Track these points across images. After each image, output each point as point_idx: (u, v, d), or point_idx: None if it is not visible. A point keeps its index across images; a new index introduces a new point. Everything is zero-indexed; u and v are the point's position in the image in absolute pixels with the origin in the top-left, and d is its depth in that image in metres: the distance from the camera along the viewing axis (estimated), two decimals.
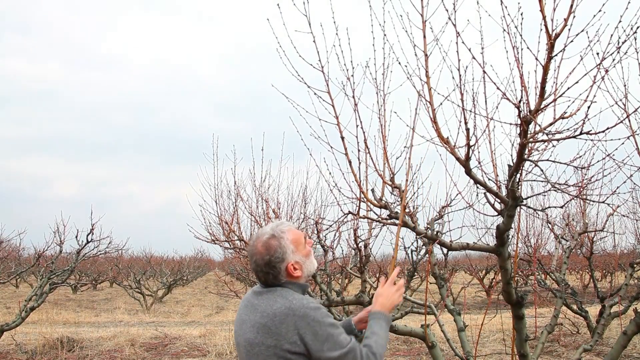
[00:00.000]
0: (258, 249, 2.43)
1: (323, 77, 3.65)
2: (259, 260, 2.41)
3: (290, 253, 2.42)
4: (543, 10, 2.87)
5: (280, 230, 2.46)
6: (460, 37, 3.15)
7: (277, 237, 2.43)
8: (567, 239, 7.27)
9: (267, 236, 2.44)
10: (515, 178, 3.31)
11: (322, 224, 5.74)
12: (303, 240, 2.50)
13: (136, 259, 31.55)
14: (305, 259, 2.47)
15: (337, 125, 3.63)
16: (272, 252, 2.40)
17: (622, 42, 3.04)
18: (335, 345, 2.23)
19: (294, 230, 2.50)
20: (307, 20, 3.55)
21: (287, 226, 2.50)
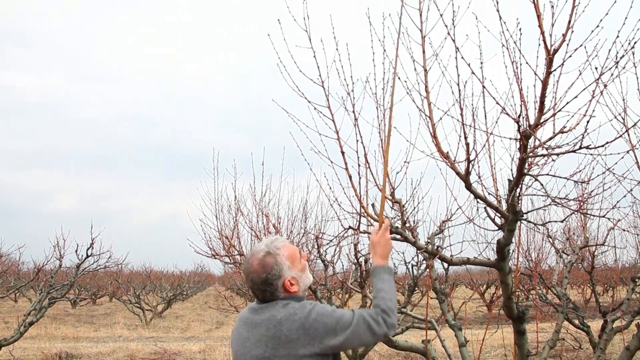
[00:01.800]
0: (254, 266, 2.42)
1: (323, 92, 3.67)
2: (255, 278, 2.41)
3: (286, 269, 2.42)
4: (541, 25, 2.89)
5: (276, 247, 2.45)
6: (459, 52, 3.17)
7: (273, 254, 2.43)
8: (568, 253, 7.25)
9: (263, 254, 2.43)
10: (515, 192, 3.32)
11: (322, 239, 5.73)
12: (298, 255, 2.50)
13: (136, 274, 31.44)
14: (301, 274, 2.47)
15: (337, 140, 3.64)
16: (268, 270, 2.39)
17: (620, 57, 3.06)
18: (345, 325, 2.25)
19: (289, 246, 2.50)
20: (307, 35, 3.58)
21: (281, 242, 2.49)
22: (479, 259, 3.93)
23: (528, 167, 3.33)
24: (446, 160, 3.31)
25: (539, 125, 3.05)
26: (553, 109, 3.08)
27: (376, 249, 2.63)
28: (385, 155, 3.02)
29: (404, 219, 3.82)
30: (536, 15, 2.89)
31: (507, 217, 3.45)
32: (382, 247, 2.62)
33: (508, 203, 3.38)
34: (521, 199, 3.49)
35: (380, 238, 2.65)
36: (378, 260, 2.59)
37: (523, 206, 3.55)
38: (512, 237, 3.58)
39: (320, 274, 6.55)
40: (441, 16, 3.24)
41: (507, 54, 3.13)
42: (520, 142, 3.11)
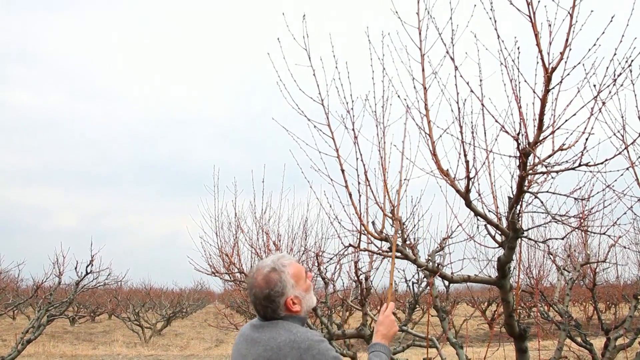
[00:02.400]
0: (258, 281, 2.40)
1: (323, 110, 3.69)
2: (258, 293, 2.39)
3: (290, 287, 2.39)
4: (539, 44, 2.91)
5: (282, 264, 2.43)
6: (458, 71, 3.19)
7: (278, 270, 2.41)
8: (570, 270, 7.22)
9: (268, 269, 2.41)
10: (515, 210, 3.31)
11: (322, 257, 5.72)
12: (304, 274, 2.48)
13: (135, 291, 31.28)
14: (305, 294, 2.44)
15: (337, 158, 3.65)
16: (272, 286, 2.37)
17: (618, 75, 3.08)
18: None
19: (295, 264, 2.47)
20: (307, 54, 3.61)
21: (288, 260, 2.47)
22: (480, 277, 3.91)
23: (528, 184, 3.33)
24: (446, 177, 3.31)
25: (538, 143, 3.06)
26: (552, 127, 3.09)
27: (379, 328, 2.59)
28: (397, 204, 3.02)
29: (404, 237, 3.81)
30: (534, 34, 2.91)
31: (508, 234, 3.45)
32: (386, 327, 2.58)
33: (508, 220, 3.38)
34: (521, 217, 3.49)
35: (385, 319, 2.61)
36: (378, 338, 2.54)
37: (523, 223, 3.55)
38: (513, 255, 3.57)
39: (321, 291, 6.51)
40: (440, 35, 3.26)
41: (506, 72, 3.15)
42: (519, 159, 3.12)
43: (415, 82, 3.40)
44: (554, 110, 3.09)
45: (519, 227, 3.39)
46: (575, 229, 4.10)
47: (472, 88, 3.17)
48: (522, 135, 3.07)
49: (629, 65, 3.10)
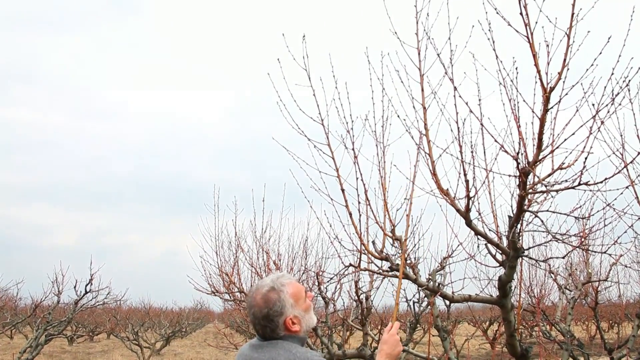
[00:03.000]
0: (257, 301, 2.39)
1: (323, 129, 3.71)
2: (257, 313, 2.38)
3: (289, 307, 2.38)
4: (537, 64, 2.94)
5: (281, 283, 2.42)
6: (457, 91, 3.22)
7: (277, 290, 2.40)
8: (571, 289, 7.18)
9: (267, 288, 2.40)
10: (515, 229, 3.31)
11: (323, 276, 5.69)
12: (303, 294, 2.47)
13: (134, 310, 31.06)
14: (304, 314, 2.43)
15: (337, 178, 3.66)
16: (270, 305, 2.36)
17: (616, 94, 3.09)
18: None
19: (295, 284, 2.46)
20: (306, 74, 3.63)
21: (287, 279, 2.46)
22: (481, 296, 3.90)
23: (528, 203, 3.34)
24: (446, 197, 3.31)
25: (538, 162, 3.07)
26: (551, 146, 3.10)
27: (383, 347, 2.56)
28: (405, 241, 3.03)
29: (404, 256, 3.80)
30: (532, 54, 2.94)
31: (508, 253, 3.44)
32: (390, 346, 2.55)
33: (509, 239, 3.38)
34: (522, 235, 3.48)
35: (390, 337, 2.58)
36: (382, 358, 2.51)
37: (524, 242, 3.54)
38: (514, 274, 3.56)
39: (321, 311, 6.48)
40: (438, 55, 3.29)
41: (505, 92, 3.17)
42: (519, 179, 3.12)
43: (414, 102, 3.43)
44: (553, 130, 3.10)
45: (519, 246, 3.38)
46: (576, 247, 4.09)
47: (471, 108, 3.19)
48: (522, 155, 3.08)
49: (627, 85, 3.12)
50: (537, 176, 3.17)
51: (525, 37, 2.94)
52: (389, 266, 3.71)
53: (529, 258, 3.77)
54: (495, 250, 3.67)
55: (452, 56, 3.29)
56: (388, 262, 3.71)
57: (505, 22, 2.97)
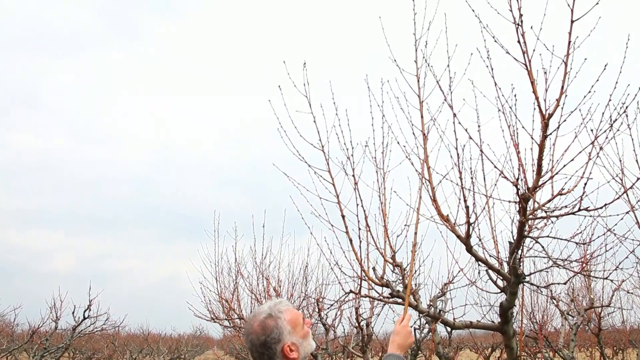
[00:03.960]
0: (254, 328, 2.38)
1: (323, 156, 3.73)
2: (254, 340, 2.36)
3: (287, 334, 2.37)
4: (536, 91, 2.96)
5: (278, 310, 2.41)
6: (456, 117, 3.24)
7: (275, 317, 2.39)
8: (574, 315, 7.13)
9: (264, 315, 2.39)
10: (516, 255, 3.30)
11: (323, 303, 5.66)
12: (301, 321, 2.45)
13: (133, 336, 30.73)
14: (302, 341, 2.41)
15: (337, 204, 3.66)
16: (268, 333, 2.35)
17: (614, 120, 3.12)
18: None
19: (292, 310, 2.45)
20: (307, 101, 3.67)
21: (285, 306, 2.45)
22: (482, 323, 3.87)
23: (528, 229, 3.33)
24: (446, 223, 3.31)
25: (538, 188, 3.07)
26: (551, 172, 3.11)
27: (395, 337, 2.61)
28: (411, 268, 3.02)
29: (405, 283, 3.78)
30: (530, 81, 2.97)
31: (509, 279, 3.43)
32: (402, 337, 2.60)
33: (509, 265, 3.36)
34: (523, 261, 3.47)
35: (402, 329, 2.64)
36: (394, 349, 2.56)
37: (525, 268, 3.53)
38: (515, 300, 3.54)
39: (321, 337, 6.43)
40: (438, 82, 3.33)
41: (504, 119, 3.19)
42: (519, 204, 3.13)
43: (414, 129, 3.45)
44: (552, 155, 3.12)
45: (520, 272, 3.37)
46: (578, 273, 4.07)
47: (471, 134, 3.21)
48: (521, 181, 3.09)
49: (625, 111, 3.15)
50: (537, 202, 3.17)
51: (523, 65, 2.97)
52: (390, 292, 3.69)
53: (530, 284, 3.75)
54: (496, 276, 3.66)
55: (451, 83, 3.33)
56: (389, 289, 3.69)
57: (503, 50, 3.01)
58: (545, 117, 2.95)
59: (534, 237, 3.34)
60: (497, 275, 3.61)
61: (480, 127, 3.29)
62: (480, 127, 3.29)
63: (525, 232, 3.25)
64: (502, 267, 3.60)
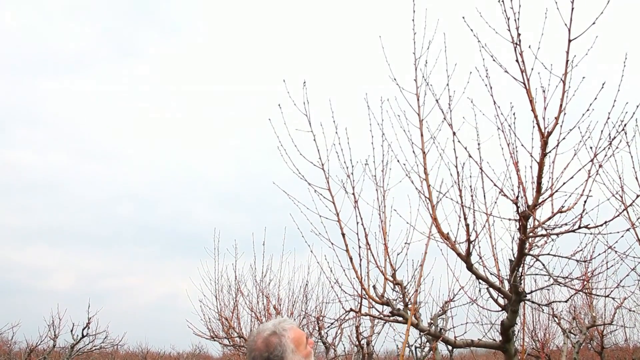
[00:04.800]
0: (257, 344, 2.37)
1: (324, 174, 3.74)
2: (257, 357, 2.35)
3: (290, 352, 2.36)
4: (534, 110, 2.98)
5: (282, 328, 2.41)
6: (456, 136, 3.25)
7: (279, 334, 2.38)
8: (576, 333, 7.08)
9: (268, 332, 2.39)
10: (517, 273, 3.29)
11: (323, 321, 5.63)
12: (304, 340, 2.45)
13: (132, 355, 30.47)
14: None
15: (337, 222, 3.66)
16: (271, 350, 2.34)
17: (613, 138, 3.13)
18: None
19: (296, 329, 2.45)
20: (307, 119, 3.69)
21: (289, 324, 2.45)
22: (484, 341, 3.84)
23: (529, 247, 3.33)
24: (447, 241, 3.31)
25: (537, 206, 3.07)
26: (551, 189, 3.12)
27: None
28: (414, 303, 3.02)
29: (405, 300, 3.77)
30: (529, 99, 2.99)
31: (510, 297, 3.41)
32: None
33: (510, 283, 3.35)
34: (523, 279, 3.46)
35: None
36: None
37: (526, 286, 3.52)
38: (516, 318, 3.52)
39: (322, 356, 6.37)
40: (437, 101, 3.35)
41: (503, 137, 3.20)
42: (519, 222, 3.13)
43: (414, 147, 3.46)
44: (551, 173, 3.12)
45: (521, 290, 3.35)
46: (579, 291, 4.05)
47: (471, 152, 3.22)
48: (521, 198, 3.09)
49: (623, 128, 3.16)
50: (537, 220, 3.17)
51: (522, 83, 3.00)
52: (390, 311, 3.68)
53: (532, 302, 3.75)
54: (497, 294, 3.64)
55: (450, 102, 3.35)
56: (389, 307, 3.67)
57: (502, 69, 3.03)
58: (544, 135, 2.97)
59: (535, 254, 3.34)
60: (498, 293, 3.59)
61: (479, 145, 3.30)
62: (480, 145, 3.30)
63: (526, 250, 3.25)
64: (503, 285, 3.59)
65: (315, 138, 3.69)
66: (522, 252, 3.22)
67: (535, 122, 2.98)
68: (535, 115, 2.97)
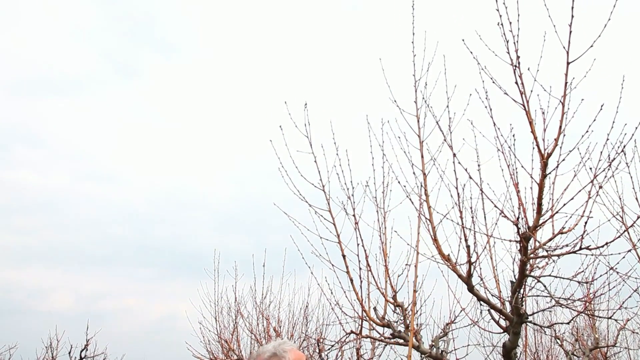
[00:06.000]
0: None
1: (324, 196, 3.75)
2: None
3: None
4: (534, 131, 3.00)
5: (283, 350, 2.39)
6: (456, 157, 3.27)
7: (279, 356, 2.36)
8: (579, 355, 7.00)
9: (269, 354, 2.37)
10: (518, 294, 3.28)
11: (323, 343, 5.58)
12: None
13: None
14: None
15: (338, 244, 3.66)
16: None
17: (612, 159, 3.14)
18: None
19: (296, 351, 2.44)
20: (308, 141, 3.71)
21: (289, 346, 2.44)
22: None
23: (530, 268, 3.32)
24: (447, 262, 3.30)
25: (538, 227, 3.07)
26: (551, 210, 3.12)
27: None
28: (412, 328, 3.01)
29: (406, 322, 3.75)
30: (528, 121, 3.00)
31: (512, 319, 3.39)
32: None
33: (512, 305, 3.33)
34: (525, 301, 3.45)
35: None
36: None
37: (528, 307, 3.50)
38: (519, 340, 3.50)
39: None
40: (437, 123, 3.37)
41: (503, 158, 3.22)
42: (520, 244, 3.12)
43: (414, 168, 3.48)
44: (552, 194, 3.13)
45: (523, 312, 3.34)
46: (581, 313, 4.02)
47: (471, 174, 3.23)
48: (522, 220, 3.09)
49: (622, 150, 3.17)
50: (537, 241, 3.17)
51: (521, 105, 3.02)
52: (391, 333, 3.65)
53: (534, 324, 3.72)
54: (499, 316, 3.62)
55: (450, 123, 3.37)
56: (390, 329, 3.65)
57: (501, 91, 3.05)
58: (544, 156, 2.98)
59: (536, 276, 3.33)
60: (499, 315, 3.57)
61: (480, 166, 3.31)
62: (480, 166, 3.31)
63: (527, 271, 3.24)
64: (505, 307, 3.57)
65: (316, 159, 3.71)
66: (523, 274, 3.21)
67: (535, 143, 3.00)
68: (535, 136, 2.99)
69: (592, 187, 3.12)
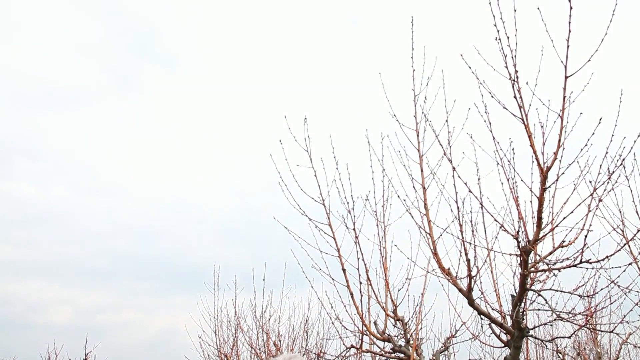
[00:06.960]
0: None
1: (324, 210, 3.75)
2: None
3: None
4: (533, 145, 3.01)
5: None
6: (456, 171, 3.27)
7: None
8: None
9: None
10: (519, 308, 3.27)
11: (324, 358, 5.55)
12: None
13: None
14: None
15: (338, 258, 3.66)
16: None
17: (612, 172, 3.14)
18: None
19: None
20: (308, 155, 3.72)
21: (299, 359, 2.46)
22: None
23: (530, 282, 3.31)
24: (448, 276, 3.30)
25: (538, 241, 3.07)
26: (551, 224, 3.12)
27: None
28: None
29: (407, 337, 3.73)
30: (527, 135, 3.01)
31: (513, 333, 3.38)
32: None
33: (513, 319, 3.32)
34: (526, 315, 3.43)
35: None
36: None
37: (528, 321, 3.48)
38: (520, 354, 3.47)
39: None
40: (437, 137, 3.38)
41: (503, 172, 3.22)
42: (520, 257, 3.12)
43: (414, 182, 3.48)
44: (552, 208, 3.13)
45: (524, 326, 3.32)
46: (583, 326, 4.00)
47: (471, 187, 3.24)
48: (522, 233, 3.09)
49: (622, 163, 3.18)
50: (538, 254, 3.16)
51: (520, 119, 3.03)
52: (392, 347, 3.64)
53: (535, 338, 3.70)
54: (500, 330, 3.60)
55: (450, 137, 3.38)
56: (390, 344, 3.64)
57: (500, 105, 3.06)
58: (543, 170, 2.98)
59: (537, 289, 3.32)
60: (500, 329, 3.55)
61: (479, 180, 3.32)
62: (480, 180, 3.32)
63: (528, 285, 3.23)
64: (505, 321, 3.55)
65: (316, 174, 3.72)
66: (523, 287, 3.20)
67: (534, 157, 3.00)
68: (534, 150, 3.00)
69: (592, 200, 3.12)
